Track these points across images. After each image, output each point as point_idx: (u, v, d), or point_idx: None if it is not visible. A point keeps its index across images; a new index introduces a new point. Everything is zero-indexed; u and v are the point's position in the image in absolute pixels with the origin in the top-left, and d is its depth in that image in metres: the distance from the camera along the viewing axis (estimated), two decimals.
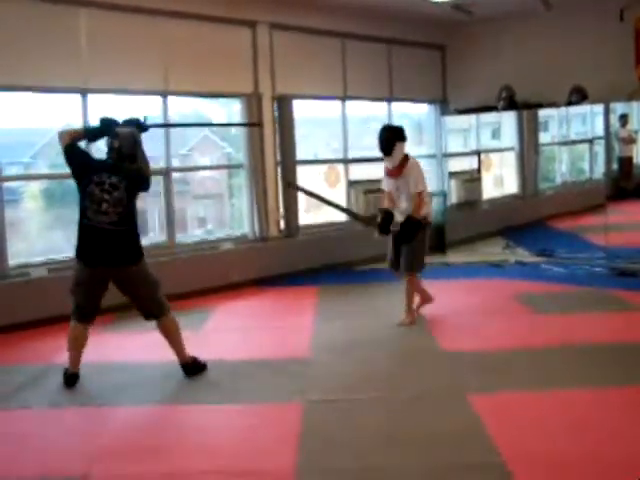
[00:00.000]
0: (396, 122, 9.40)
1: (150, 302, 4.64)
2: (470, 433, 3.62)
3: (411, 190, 5.64)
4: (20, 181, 6.88)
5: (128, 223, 4.50)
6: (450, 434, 3.63)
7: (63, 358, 5.23)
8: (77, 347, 4.65)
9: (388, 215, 5.79)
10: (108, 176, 4.48)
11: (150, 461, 3.48)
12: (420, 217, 5.68)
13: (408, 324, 5.80)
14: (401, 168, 5.67)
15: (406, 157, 5.71)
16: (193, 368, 4.74)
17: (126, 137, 4.53)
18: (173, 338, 4.72)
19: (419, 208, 5.66)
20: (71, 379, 4.64)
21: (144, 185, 4.64)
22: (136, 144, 4.58)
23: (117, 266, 4.51)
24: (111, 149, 4.56)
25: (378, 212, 5.96)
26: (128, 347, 5.07)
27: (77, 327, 4.64)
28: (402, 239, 5.72)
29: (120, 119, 4.66)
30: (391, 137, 5.67)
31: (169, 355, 5.19)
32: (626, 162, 8.89)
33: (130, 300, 4.69)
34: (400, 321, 5.84)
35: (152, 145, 4.88)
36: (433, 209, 9.32)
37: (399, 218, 5.75)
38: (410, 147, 10.10)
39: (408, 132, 5.86)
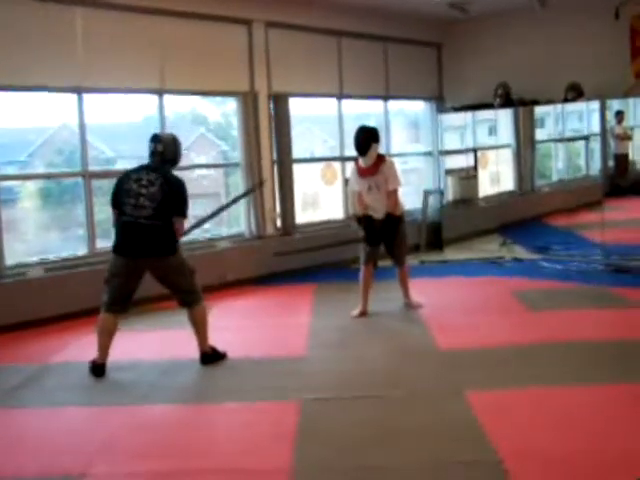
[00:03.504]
0: (393, 119, 9.50)
1: (184, 292, 4.86)
2: (467, 430, 3.63)
3: (390, 187, 5.93)
4: (16, 180, 6.86)
5: (163, 218, 4.69)
6: (447, 431, 3.64)
7: (60, 358, 5.26)
8: (106, 334, 4.77)
9: (370, 222, 6.03)
10: (146, 173, 4.75)
11: (146, 460, 3.49)
12: (400, 212, 6.08)
13: (420, 303, 6.28)
14: (377, 166, 5.94)
15: (381, 156, 6.02)
16: (211, 357, 4.92)
17: (168, 142, 4.82)
18: (200, 327, 4.92)
19: (397, 204, 6.02)
20: (97, 370, 4.74)
21: (180, 187, 4.79)
22: (177, 149, 4.87)
23: (152, 257, 4.72)
24: (153, 153, 4.80)
25: (359, 221, 6.16)
26: (124, 346, 5.07)
27: (107, 317, 4.79)
28: (389, 235, 6.04)
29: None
30: (367, 138, 5.94)
31: (166, 353, 5.22)
32: (622, 159, 8.89)
33: (167, 289, 4.91)
34: (415, 304, 6.27)
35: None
36: (430, 207, 9.47)
37: (377, 215, 6.01)
38: (406, 144, 10.15)
39: (404, 130, 5.99)
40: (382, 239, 6.10)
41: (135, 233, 4.69)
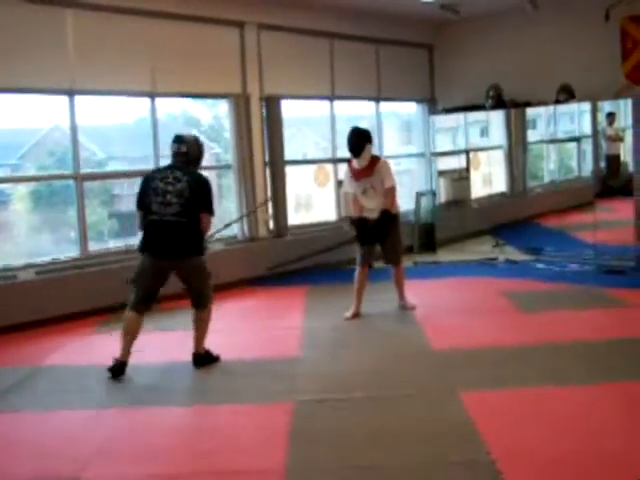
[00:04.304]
0: (385, 121, 9.52)
1: (199, 295, 4.91)
2: (460, 431, 3.63)
3: (386, 185, 5.95)
4: (8, 183, 6.83)
5: (189, 215, 4.71)
6: (440, 432, 3.65)
7: (53, 361, 5.23)
8: (131, 333, 4.80)
9: (363, 223, 6.05)
10: (172, 172, 4.79)
11: (140, 463, 3.48)
12: (395, 211, 6.09)
13: (414, 305, 6.26)
14: (371, 168, 5.96)
15: (375, 157, 6.04)
16: (204, 359, 4.95)
17: (191, 142, 4.85)
18: (201, 328, 4.94)
19: (394, 202, 6.04)
20: (118, 367, 4.73)
21: (206, 184, 4.83)
22: (200, 149, 4.93)
23: (180, 257, 4.75)
24: (177, 154, 4.83)
25: (353, 221, 6.18)
26: (118, 349, 5.04)
27: (133, 316, 4.82)
28: (383, 234, 6.04)
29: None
30: (361, 139, 5.96)
31: (161, 356, 5.21)
32: (613, 160, 8.92)
33: (185, 288, 4.96)
34: (410, 306, 6.25)
35: (141, 145, 4.92)
36: (423, 208, 9.49)
37: (372, 215, 6.03)
38: (399, 146, 10.14)
39: (397, 132, 5.97)
40: (376, 238, 6.08)
41: (162, 232, 4.71)
